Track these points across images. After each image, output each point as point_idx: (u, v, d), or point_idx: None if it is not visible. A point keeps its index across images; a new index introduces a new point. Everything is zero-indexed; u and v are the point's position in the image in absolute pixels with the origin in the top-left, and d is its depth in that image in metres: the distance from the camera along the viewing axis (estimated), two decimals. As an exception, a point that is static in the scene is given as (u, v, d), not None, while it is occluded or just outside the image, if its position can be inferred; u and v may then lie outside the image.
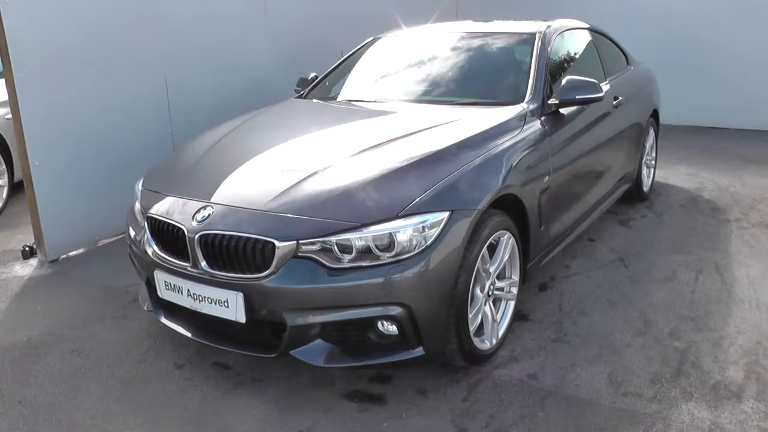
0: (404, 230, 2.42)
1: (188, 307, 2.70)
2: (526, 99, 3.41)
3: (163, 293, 2.80)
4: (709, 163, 6.23)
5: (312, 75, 4.45)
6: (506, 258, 2.93)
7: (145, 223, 2.91)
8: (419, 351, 2.54)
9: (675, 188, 5.50)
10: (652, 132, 5.12)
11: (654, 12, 8.02)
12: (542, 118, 3.36)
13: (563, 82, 3.44)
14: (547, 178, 3.20)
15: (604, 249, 4.19)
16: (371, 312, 2.43)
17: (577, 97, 3.41)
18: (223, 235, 2.55)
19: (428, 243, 2.45)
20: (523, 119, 3.25)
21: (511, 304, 3.06)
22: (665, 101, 5.50)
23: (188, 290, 2.66)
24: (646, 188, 5.10)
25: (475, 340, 2.76)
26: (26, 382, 2.94)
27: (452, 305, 2.56)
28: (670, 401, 2.61)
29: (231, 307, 2.54)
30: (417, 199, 2.51)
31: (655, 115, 5.13)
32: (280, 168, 2.88)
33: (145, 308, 3.12)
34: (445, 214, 2.51)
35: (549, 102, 3.45)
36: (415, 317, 2.45)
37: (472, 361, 2.79)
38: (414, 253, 2.43)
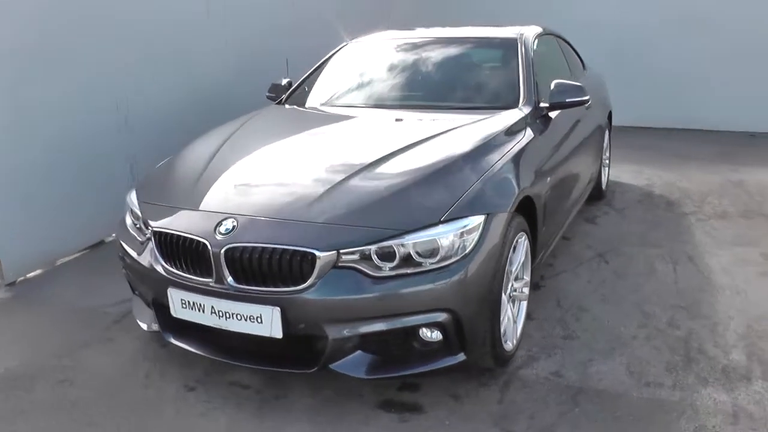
0: (447, 235, 2.40)
1: (212, 325, 2.55)
2: (521, 103, 3.48)
3: (179, 312, 2.63)
4: (651, 161, 6.59)
5: (286, 81, 4.34)
6: (522, 259, 2.97)
7: (152, 237, 2.73)
8: (461, 357, 2.52)
9: (627, 185, 5.78)
10: (607, 132, 5.37)
11: (582, 21, 8.39)
12: (537, 122, 3.44)
13: (552, 86, 3.53)
14: (549, 179, 3.28)
15: (581, 246, 4.34)
16: (418, 320, 2.39)
17: (567, 100, 3.51)
18: (254, 248, 2.43)
19: (470, 247, 2.44)
20: (525, 123, 3.31)
21: (524, 305, 3.10)
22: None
23: (212, 307, 2.51)
24: (603, 186, 5.34)
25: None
26: (13, 420, 2.66)
27: (489, 308, 2.57)
28: (690, 388, 2.73)
29: (265, 322, 2.42)
30: (455, 204, 2.49)
31: (609, 116, 5.38)
32: (302, 176, 2.79)
33: (148, 329, 2.93)
34: (482, 218, 2.51)
35: (540, 105, 3.54)
36: (460, 322, 2.44)
37: (500, 363, 2.81)
38: (458, 257, 2.41)
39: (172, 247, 2.63)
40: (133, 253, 2.86)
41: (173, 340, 2.77)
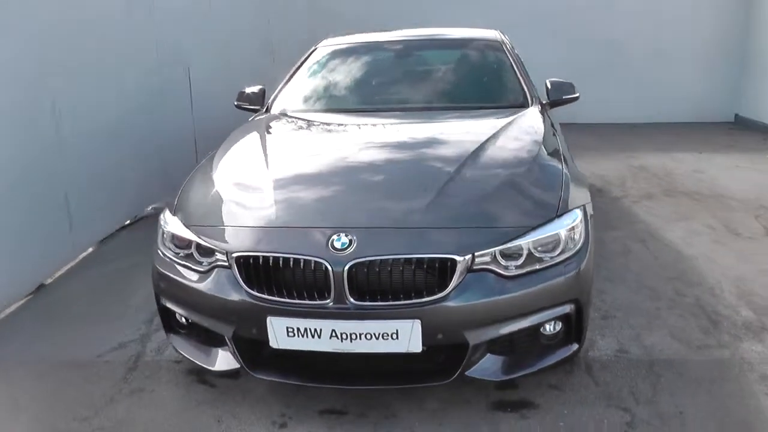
0: (564, 229, 2.46)
1: (330, 350, 2.35)
2: (531, 102, 3.62)
3: (283, 342, 2.38)
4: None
5: (258, 88, 4.07)
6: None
7: (232, 264, 2.43)
8: (574, 347, 2.57)
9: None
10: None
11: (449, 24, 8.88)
12: (547, 119, 3.62)
13: (548, 84, 3.74)
14: None
15: (551, 234, 4.62)
16: (550, 314, 2.42)
17: (563, 97, 3.74)
18: (383, 260, 2.29)
19: (580, 237, 2.51)
20: (547, 120, 3.46)
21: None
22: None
23: (332, 331, 2.31)
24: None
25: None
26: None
27: (591, 295, 2.66)
28: (731, 345, 3.05)
29: (402, 338, 2.29)
30: (561, 198, 2.56)
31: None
32: (391, 182, 2.68)
33: (217, 368, 2.61)
34: (580, 210, 2.60)
35: (543, 103, 3.72)
36: (581, 312, 2.51)
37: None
38: (575, 249, 2.47)
39: (268, 271, 2.37)
40: (197, 286, 2.52)
41: (266, 377, 2.51)
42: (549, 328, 2.50)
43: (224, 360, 2.60)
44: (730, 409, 2.57)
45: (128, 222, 5.17)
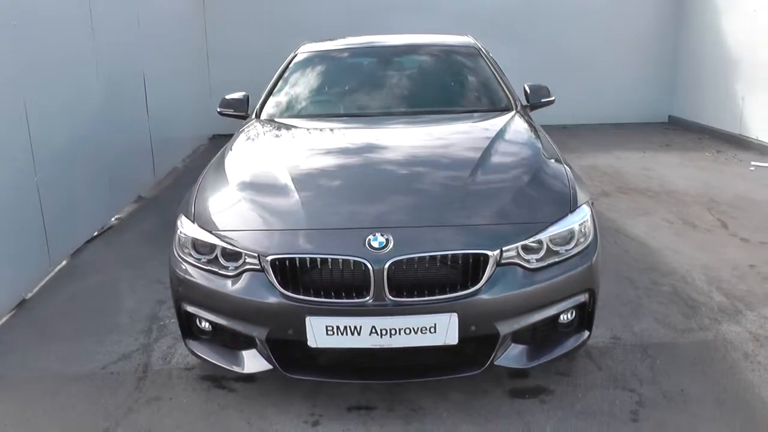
0: (578, 222, 2.64)
1: (369, 347, 2.43)
2: (515, 105, 3.81)
3: (322, 341, 2.44)
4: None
5: (242, 94, 4.10)
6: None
7: (265, 267, 2.47)
8: (585, 335, 2.75)
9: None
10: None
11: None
12: None
13: (527, 88, 3.95)
14: None
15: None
16: (569, 303, 2.59)
17: (542, 100, 3.95)
18: (420, 258, 2.39)
19: (590, 229, 2.71)
20: (533, 122, 3.65)
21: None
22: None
23: (372, 327, 2.40)
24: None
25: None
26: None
27: (598, 284, 2.86)
28: (712, 328, 3.33)
29: (439, 331, 2.40)
30: (571, 194, 2.74)
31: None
32: (413, 182, 2.82)
33: (254, 371, 2.64)
34: (588, 206, 2.79)
35: (524, 106, 3.92)
36: (594, 301, 2.69)
37: (582, 336, 3.12)
38: (588, 241, 2.66)
39: (305, 272, 2.44)
40: (226, 290, 2.55)
41: (302, 377, 2.57)
42: (564, 317, 2.68)
43: (253, 362, 2.63)
44: (725, 386, 2.82)
45: (96, 233, 5.04)
